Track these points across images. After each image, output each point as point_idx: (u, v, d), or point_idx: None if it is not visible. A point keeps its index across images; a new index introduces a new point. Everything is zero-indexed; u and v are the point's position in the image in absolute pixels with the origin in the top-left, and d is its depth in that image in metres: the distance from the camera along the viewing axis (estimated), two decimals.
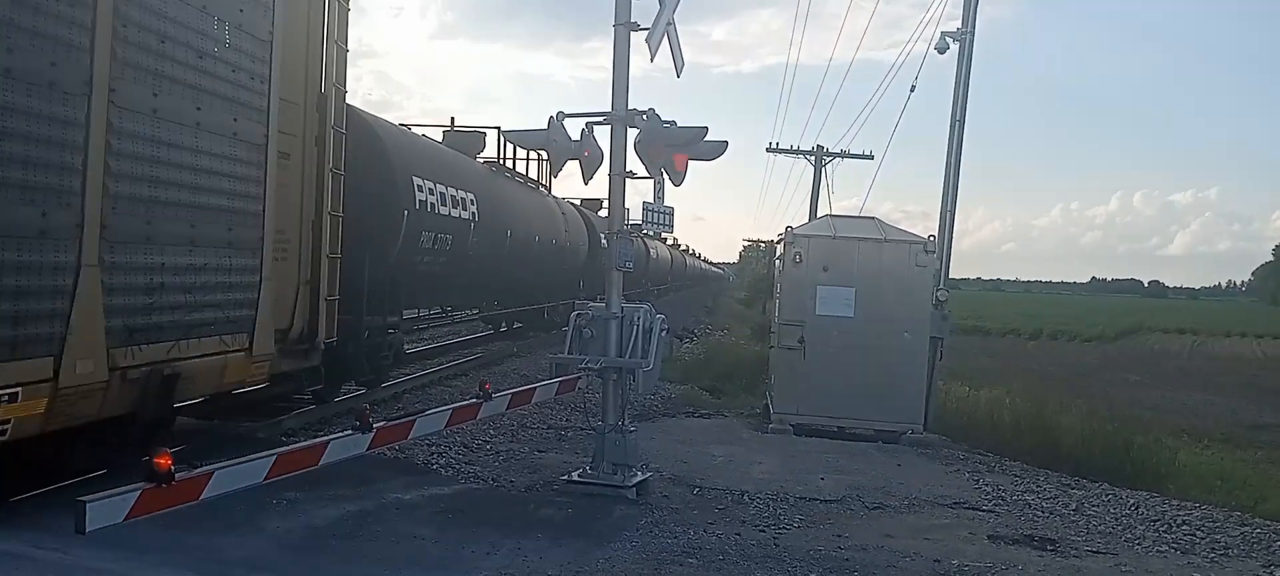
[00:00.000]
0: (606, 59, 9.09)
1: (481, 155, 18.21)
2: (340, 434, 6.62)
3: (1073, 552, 8.05)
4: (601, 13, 9.06)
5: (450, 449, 10.22)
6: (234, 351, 8.26)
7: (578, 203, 27.88)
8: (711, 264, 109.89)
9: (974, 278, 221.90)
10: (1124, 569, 7.70)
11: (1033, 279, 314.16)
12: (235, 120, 8.05)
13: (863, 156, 32.97)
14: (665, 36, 8.83)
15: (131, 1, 6.83)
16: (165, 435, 7.58)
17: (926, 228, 15.39)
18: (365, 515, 7.76)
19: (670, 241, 51.95)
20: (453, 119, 20.00)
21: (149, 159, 7.07)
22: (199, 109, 7.59)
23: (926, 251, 13.53)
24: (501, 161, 19.25)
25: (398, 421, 7.28)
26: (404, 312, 14.89)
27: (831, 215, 17.11)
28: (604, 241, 25.18)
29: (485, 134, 18.25)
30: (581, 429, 11.36)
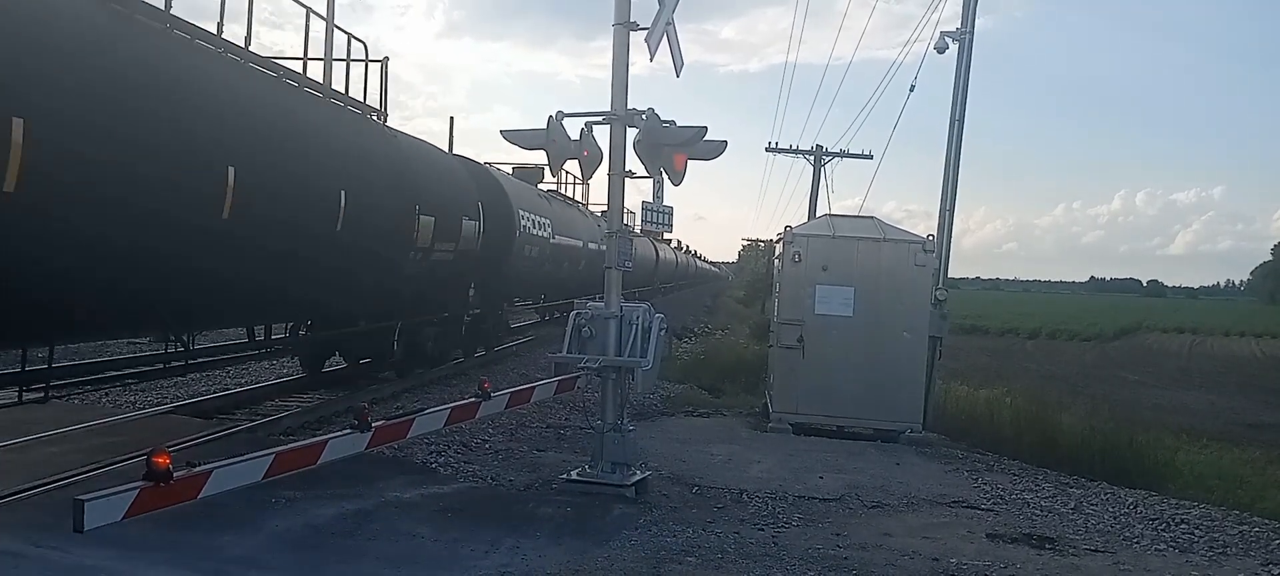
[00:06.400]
0: (610, 58, 9.08)
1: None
2: (339, 433, 6.62)
3: (1071, 551, 8.05)
4: (606, 12, 9.06)
5: (449, 448, 10.22)
6: None
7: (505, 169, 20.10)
8: (710, 263, 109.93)
9: (973, 277, 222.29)
10: (1122, 567, 7.71)
11: (1032, 278, 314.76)
12: None
13: (862, 156, 33.03)
14: (665, 36, 8.83)
15: None
16: None
17: (928, 227, 15.39)
18: (364, 514, 7.77)
19: (648, 233, 46.22)
20: (451, 120, 19.35)
21: None
22: None
23: (925, 251, 13.53)
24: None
25: (396, 420, 7.28)
26: None
27: (831, 214, 17.12)
28: (522, 222, 17.62)
29: None
30: (580, 428, 11.36)
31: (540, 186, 22.20)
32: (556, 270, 22.36)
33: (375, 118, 12.90)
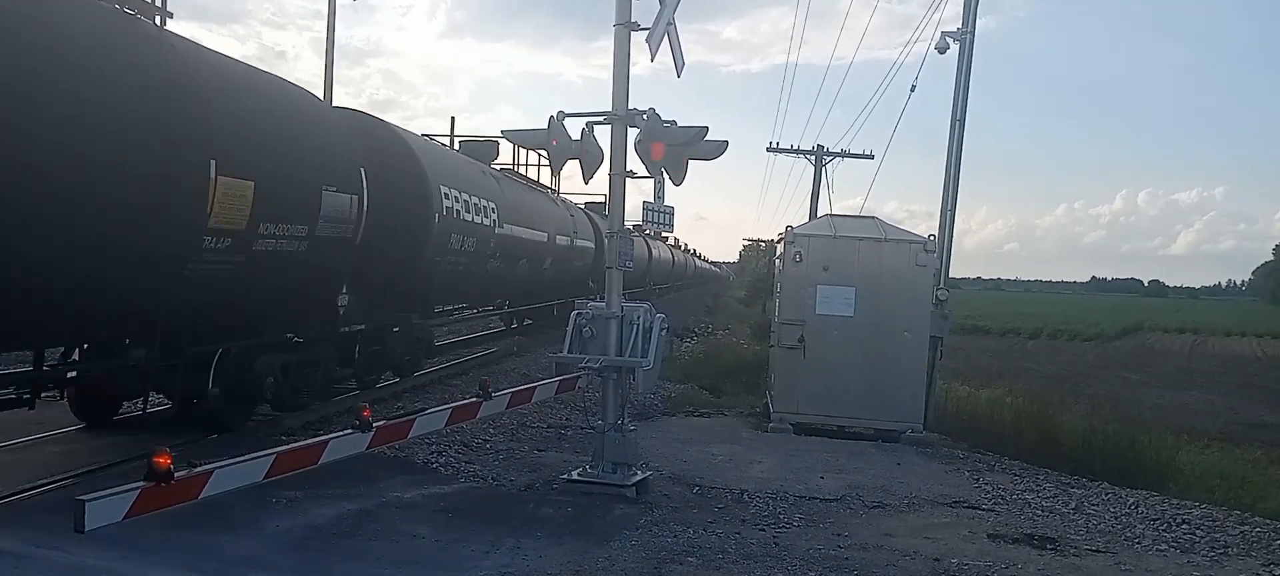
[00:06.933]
0: (612, 58, 9.07)
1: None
2: (340, 433, 6.62)
3: (1072, 551, 8.04)
4: (608, 13, 9.06)
5: (450, 448, 10.22)
6: None
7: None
8: (711, 262, 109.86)
9: (974, 277, 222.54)
10: (1124, 567, 7.70)
11: (1033, 278, 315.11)
12: None
13: (863, 156, 32.95)
14: (665, 36, 8.83)
15: None
16: None
17: (929, 227, 15.37)
18: (365, 514, 7.77)
19: (639, 230, 39.05)
20: (453, 120, 18.89)
21: None
22: None
23: (927, 251, 13.52)
24: None
25: (397, 420, 7.29)
26: None
27: (832, 215, 17.11)
28: (447, 202, 12.43)
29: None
30: (581, 428, 11.36)
31: (494, 165, 18.29)
32: (509, 269, 17.52)
33: (131, 13, 7.96)
